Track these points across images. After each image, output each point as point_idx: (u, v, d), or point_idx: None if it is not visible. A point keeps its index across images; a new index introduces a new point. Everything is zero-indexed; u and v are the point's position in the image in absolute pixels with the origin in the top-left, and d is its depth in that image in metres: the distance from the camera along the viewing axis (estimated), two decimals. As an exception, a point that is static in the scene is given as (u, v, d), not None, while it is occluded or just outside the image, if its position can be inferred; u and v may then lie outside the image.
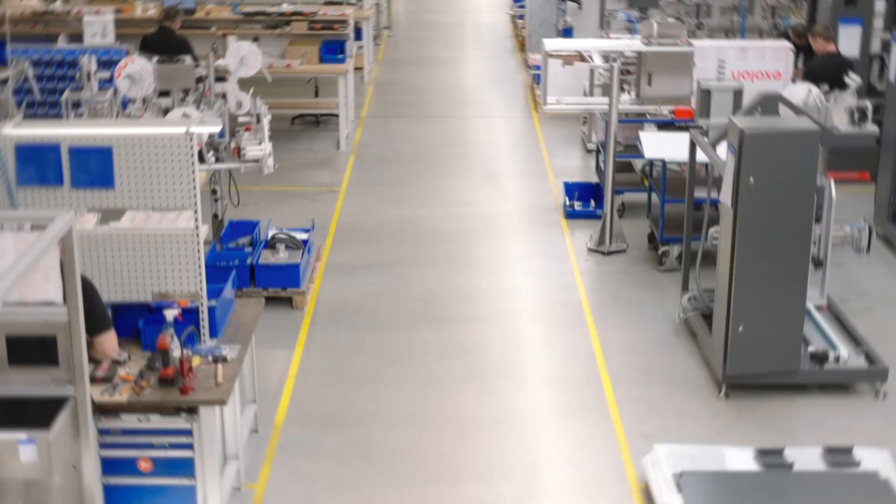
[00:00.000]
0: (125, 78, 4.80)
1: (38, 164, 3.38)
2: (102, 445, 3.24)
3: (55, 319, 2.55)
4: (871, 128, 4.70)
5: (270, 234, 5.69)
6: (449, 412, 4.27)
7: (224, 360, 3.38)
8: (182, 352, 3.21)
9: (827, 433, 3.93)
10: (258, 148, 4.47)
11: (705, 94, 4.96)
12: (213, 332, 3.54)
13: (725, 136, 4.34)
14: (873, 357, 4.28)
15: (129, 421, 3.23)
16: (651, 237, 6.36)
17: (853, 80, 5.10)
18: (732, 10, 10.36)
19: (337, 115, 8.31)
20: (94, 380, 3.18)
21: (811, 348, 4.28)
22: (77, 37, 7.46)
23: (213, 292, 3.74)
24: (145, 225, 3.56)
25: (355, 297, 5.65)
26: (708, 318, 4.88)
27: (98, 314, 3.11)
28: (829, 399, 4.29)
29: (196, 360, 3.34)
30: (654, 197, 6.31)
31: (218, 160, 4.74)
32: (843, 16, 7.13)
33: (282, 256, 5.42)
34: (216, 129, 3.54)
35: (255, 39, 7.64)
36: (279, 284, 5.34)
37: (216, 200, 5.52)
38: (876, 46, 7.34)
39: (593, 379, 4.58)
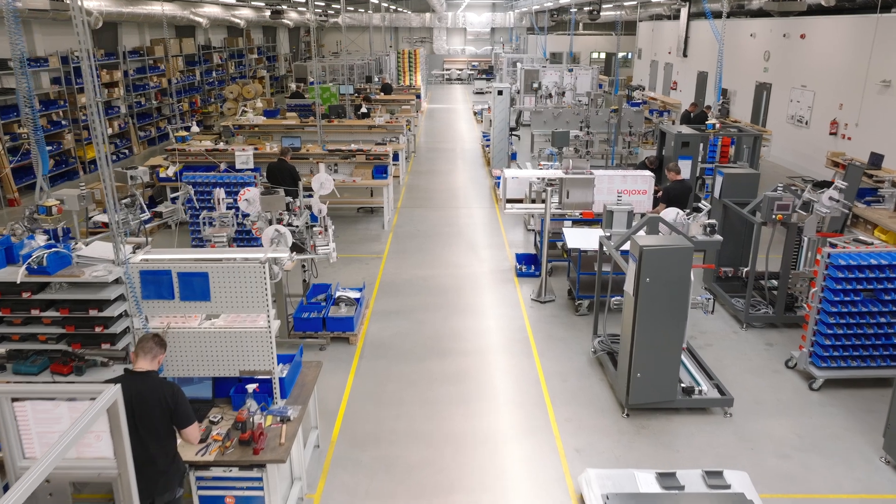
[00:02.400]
0: (244, 200, 6.45)
1: (156, 284, 4.55)
2: (199, 487, 4.35)
3: (108, 473, 2.76)
4: (717, 237, 6.54)
5: (337, 294, 7.77)
6: (447, 431, 5.84)
7: (288, 419, 4.63)
8: (253, 420, 4.37)
9: (696, 445, 5.60)
10: (326, 246, 6.15)
11: (609, 213, 6.73)
12: (284, 394, 4.87)
13: (625, 241, 6.02)
14: (723, 389, 6.15)
15: (217, 471, 4.33)
16: (570, 292, 8.51)
17: (705, 205, 6.93)
18: (605, 142, 15.97)
19: (383, 207, 11.70)
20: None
21: (683, 384, 6.09)
22: (232, 164, 10.57)
23: (287, 358, 5.11)
24: (234, 323, 4.76)
25: (389, 336, 7.57)
26: (610, 354, 6.73)
27: (182, 414, 3.80)
28: (695, 418, 5.98)
29: (268, 420, 4.65)
30: (572, 266, 8.54)
31: (302, 252, 6.49)
32: (681, 154, 10.17)
33: (342, 311, 7.51)
34: (284, 255, 4.79)
35: (336, 165, 11.37)
36: (341, 329, 7.36)
37: (305, 271, 7.67)
38: (696, 172, 10.80)
39: (539, 401, 6.34)
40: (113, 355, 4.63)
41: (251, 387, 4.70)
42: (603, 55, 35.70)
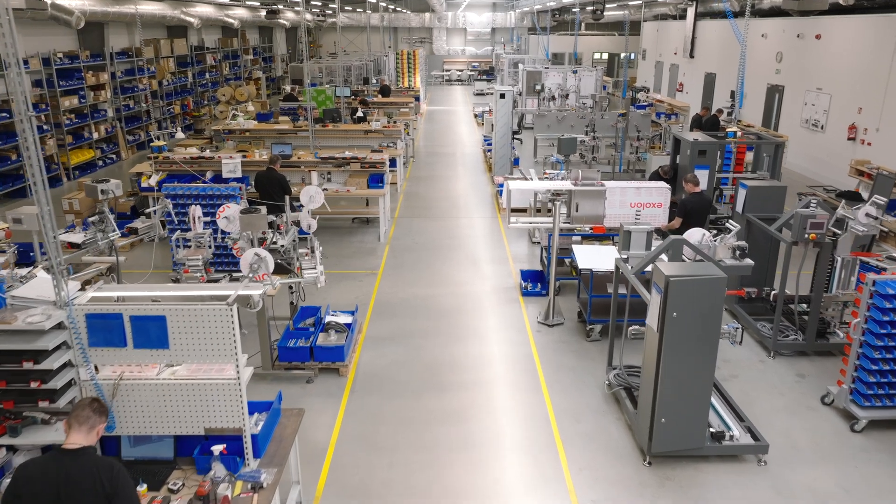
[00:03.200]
0: (223, 218, 5.82)
1: (105, 330, 3.87)
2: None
3: None
4: (748, 261, 5.86)
5: (327, 318, 7.05)
6: (445, 483, 5.16)
7: (261, 487, 3.91)
8: (217, 492, 3.73)
9: (729, 500, 4.92)
10: (313, 271, 5.49)
11: (626, 234, 6.06)
12: (257, 453, 4.18)
13: (645, 265, 5.34)
14: (756, 433, 5.45)
15: (175, 552, 3.63)
16: (580, 314, 7.83)
17: (734, 225, 6.23)
18: (612, 147, 15.25)
19: (378, 218, 11.04)
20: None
21: (711, 429, 5.41)
22: (219, 173, 10.03)
23: (264, 406, 4.45)
24: (198, 373, 4.09)
25: (383, 366, 6.87)
26: (628, 390, 6.06)
27: (123, 500, 3.15)
28: (725, 467, 5.30)
29: (238, 488, 3.94)
30: (582, 286, 7.85)
31: (287, 273, 5.92)
32: (697, 164, 9.26)
33: (332, 339, 6.81)
34: (258, 292, 4.14)
35: (329, 174, 10.67)
36: (330, 359, 6.65)
37: (292, 293, 7.05)
38: (714, 182, 9.82)
39: (550, 446, 5.64)
40: (55, 411, 3.96)
41: (217, 448, 4.02)
42: (605, 56, 35.02)
